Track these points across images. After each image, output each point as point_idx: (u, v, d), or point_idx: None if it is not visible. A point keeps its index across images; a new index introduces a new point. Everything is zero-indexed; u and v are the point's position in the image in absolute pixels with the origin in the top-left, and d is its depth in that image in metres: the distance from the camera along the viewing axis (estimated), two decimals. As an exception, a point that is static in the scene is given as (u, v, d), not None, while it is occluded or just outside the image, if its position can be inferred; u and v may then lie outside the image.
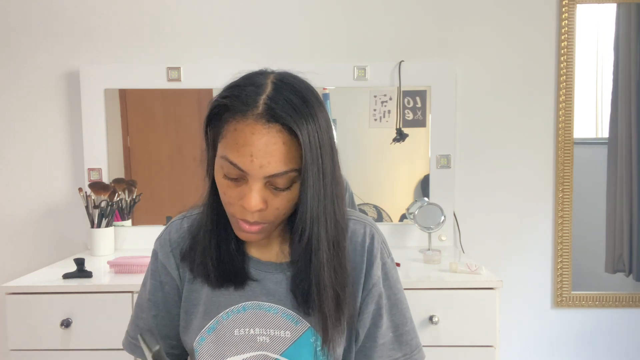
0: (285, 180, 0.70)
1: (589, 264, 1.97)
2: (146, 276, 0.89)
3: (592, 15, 1.93)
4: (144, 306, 0.87)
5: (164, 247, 0.86)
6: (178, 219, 0.88)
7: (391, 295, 0.84)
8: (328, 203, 0.73)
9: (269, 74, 0.73)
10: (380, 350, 0.83)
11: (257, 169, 0.68)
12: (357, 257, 0.82)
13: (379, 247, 0.83)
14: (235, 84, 0.73)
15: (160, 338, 0.87)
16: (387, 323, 0.83)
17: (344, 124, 1.95)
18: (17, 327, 1.42)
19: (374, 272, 0.82)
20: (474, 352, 1.45)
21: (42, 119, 1.95)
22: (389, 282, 0.84)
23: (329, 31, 1.94)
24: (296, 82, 0.73)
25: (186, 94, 1.91)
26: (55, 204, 1.97)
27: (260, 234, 0.75)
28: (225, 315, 0.80)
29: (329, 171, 0.72)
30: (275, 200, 0.72)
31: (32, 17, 1.93)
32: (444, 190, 1.93)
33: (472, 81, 1.94)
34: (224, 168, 0.71)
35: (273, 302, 0.80)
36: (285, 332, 0.78)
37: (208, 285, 0.81)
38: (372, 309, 0.82)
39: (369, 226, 0.84)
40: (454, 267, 1.53)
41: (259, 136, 0.67)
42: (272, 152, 0.67)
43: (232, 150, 0.69)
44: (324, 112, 0.73)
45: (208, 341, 0.79)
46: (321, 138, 0.70)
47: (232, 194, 0.72)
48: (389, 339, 0.84)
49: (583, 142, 1.94)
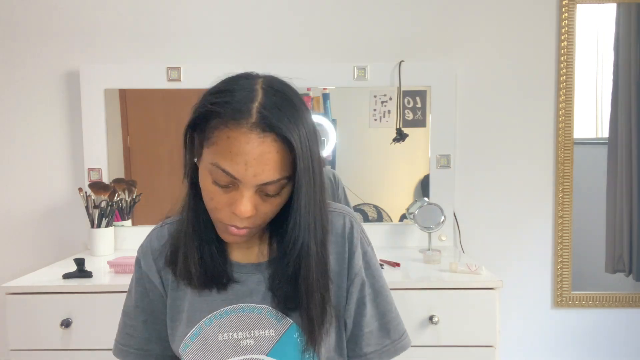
0: (276, 187, 0.71)
1: (589, 264, 1.97)
2: (131, 284, 0.90)
3: (592, 15, 1.93)
4: (132, 314, 0.88)
5: (146, 256, 0.86)
6: (158, 226, 0.89)
7: (374, 283, 0.86)
8: (317, 209, 0.75)
9: (256, 79, 0.73)
10: (368, 338, 0.84)
11: (251, 178, 0.69)
12: (339, 247, 0.83)
13: (359, 237, 0.85)
14: (222, 88, 0.72)
15: (153, 341, 0.88)
16: (372, 311, 0.85)
17: (344, 124, 1.95)
18: (17, 327, 1.42)
19: (356, 261, 0.83)
20: (474, 352, 1.45)
21: (42, 119, 1.95)
22: (371, 271, 0.86)
23: (329, 31, 1.94)
24: (285, 88, 0.73)
25: (186, 94, 1.90)
26: (55, 204, 1.97)
27: (247, 236, 0.76)
28: (208, 321, 0.80)
29: (318, 177, 0.74)
30: (264, 206, 0.73)
31: (32, 17, 1.93)
32: (444, 190, 1.93)
33: (472, 81, 1.94)
34: (213, 174, 0.71)
35: (256, 302, 0.80)
36: (269, 331, 0.79)
37: (191, 289, 0.82)
38: (355, 298, 0.84)
39: (347, 216, 0.85)
40: (454, 267, 1.53)
41: (253, 145, 0.67)
42: (266, 161, 0.68)
43: (224, 157, 0.69)
44: (310, 115, 0.74)
45: (192, 348, 0.80)
46: (311, 144, 0.71)
47: (220, 199, 0.72)
48: (376, 327, 0.85)
49: (583, 142, 1.94)
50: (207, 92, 0.74)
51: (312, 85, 1.92)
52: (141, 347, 0.88)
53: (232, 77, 0.74)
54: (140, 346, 0.88)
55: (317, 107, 1.93)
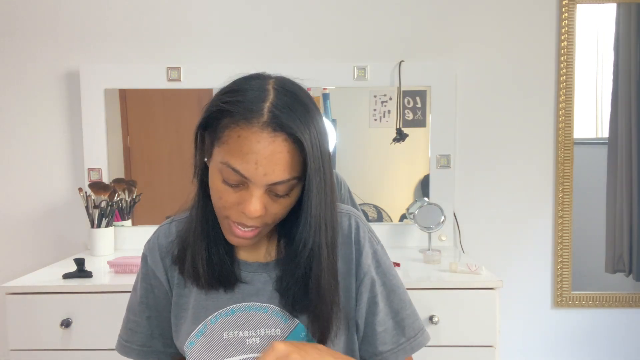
0: (285, 187, 0.71)
1: (589, 264, 1.97)
2: (136, 280, 0.90)
3: (592, 15, 1.93)
4: (136, 309, 0.88)
5: (153, 252, 0.87)
6: (166, 223, 0.89)
7: (386, 281, 0.85)
8: (328, 210, 0.75)
9: (268, 79, 0.73)
10: (382, 337, 0.83)
11: (261, 177, 0.69)
12: (346, 248, 0.83)
13: (366, 236, 0.84)
14: (234, 88, 0.72)
15: (156, 338, 0.88)
16: (385, 309, 0.84)
17: (344, 124, 1.95)
18: (17, 327, 1.42)
19: (364, 260, 0.83)
20: (474, 352, 1.45)
21: (42, 119, 1.95)
22: (382, 269, 0.85)
23: (329, 31, 1.94)
24: (296, 88, 0.73)
25: (186, 94, 1.90)
26: (55, 204, 1.97)
27: (254, 238, 0.76)
28: (214, 319, 0.80)
29: (328, 178, 0.74)
30: (274, 206, 0.73)
31: (32, 17, 1.93)
32: (444, 190, 1.93)
33: (472, 81, 1.94)
34: (223, 173, 0.71)
35: (262, 301, 0.80)
36: (275, 330, 0.79)
37: (198, 288, 0.82)
38: (366, 298, 0.83)
39: (353, 216, 0.85)
40: (454, 267, 1.53)
41: (264, 144, 0.67)
42: (276, 161, 0.68)
43: (235, 156, 0.68)
44: (322, 118, 0.74)
45: (197, 345, 0.80)
46: (322, 145, 0.71)
47: (229, 198, 0.72)
48: (390, 326, 0.84)
49: (583, 142, 1.94)
50: (218, 92, 0.74)
51: (312, 85, 1.92)
52: (144, 343, 0.88)
53: (243, 77, 0.74)
54: (143, 342, 0.88)
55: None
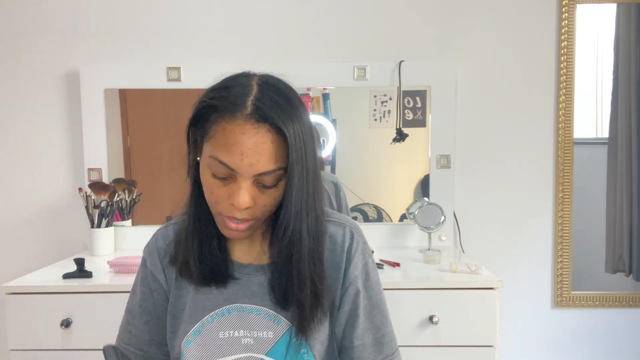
0: (272, 178, 0.73)
1: (589, 264, 1.97)
2: (135, 283, 0.91)
3: (592, 15, 1.93)
4: (136, 312, 0.89)
5: (152, 255, 0.88)
6: (164, 227, 0.91)
7: (372, 296, 0.85)
8: (310, 199, 0.77)
9: (252, 76, 0.76)
10: (359, 351, 0.84)
11: (247, 168, 0.71)
12: (337, 257, 0.84)
13: (358, 248, 0.85)
14: (220, 85, 0.76)
15: (152, 345, 0.89)
16: (366, 324, 0.84)
17: (344, 124, 1.95)
18: (17, 327, 1.42)
19: (351, 271, 0.84)
20: (474, 352, 1.45)
21: (42, 119, 1.95)
22: (370, 283, 0.85)
23: (329, 31, 1.94)
24: (279, 83, 0.76)
25: (186, 94, 1.90)
26: (55, 204, 1.97)
27: (247, 231, 0.78)
28: (210, 319, 0.82)
29: (311, 169, 0.76)
30: (262, 198, 0.75)
31: (32, 17, 1.92)
32: (444, 190, 1.93)
33: (472, 81, 1.94)
34: (211, 167, 0.73)
35: (255, 303, 0.82)
36: (267, 333, 0.80)
37: (192, 284, 0.83)
38: (348, 308, 0.84)
39: (348, 227, 0.86)
40: (454, 267, 1.53)
41: (248, 136, 0.70)
42: (261, 151, 0.70)
43: (221, 149, 0.71)
44: (307, 113, 0.77)
45: (194, 344, 0.81)
46: (305, 137, 0.74)
47: (219, 192, 0.74)
48: (369, 341, 0.84)
49: (583, 142, 1.94)
50: (206, 90, 0.77)
51: (312, 85, 1.92)
52: (141, 347, 0.89)
53: (230, 76, 0.78)
54: (140, 347, 0.89)
55: (317, 107, 1.93)
